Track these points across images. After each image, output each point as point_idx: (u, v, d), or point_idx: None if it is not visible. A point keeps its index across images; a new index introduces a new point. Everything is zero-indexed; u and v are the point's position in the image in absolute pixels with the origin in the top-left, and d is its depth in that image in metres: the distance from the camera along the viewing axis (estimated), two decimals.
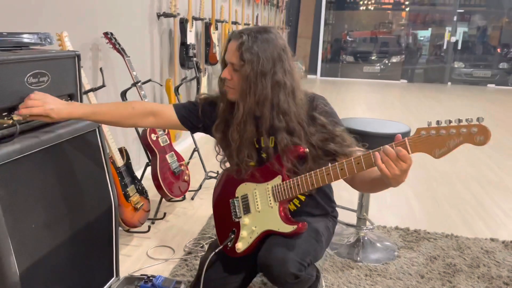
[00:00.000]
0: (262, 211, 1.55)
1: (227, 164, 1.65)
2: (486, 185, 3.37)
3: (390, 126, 2.25)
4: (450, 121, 1.09)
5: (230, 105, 1.52)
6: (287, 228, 1.47)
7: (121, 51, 2.49)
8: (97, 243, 1.74)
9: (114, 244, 1.84)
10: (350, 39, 11.66)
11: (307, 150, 1.46)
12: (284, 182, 1.48)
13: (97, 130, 1.71)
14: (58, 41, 2.02)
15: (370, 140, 2.06)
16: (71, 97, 1.61)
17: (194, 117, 1.62)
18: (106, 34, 2.47)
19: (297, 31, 10.72)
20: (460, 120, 1.08)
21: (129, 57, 2.51)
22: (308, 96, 1.53)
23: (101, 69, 2.31)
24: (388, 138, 2.06)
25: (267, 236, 1.54)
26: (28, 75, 1.37)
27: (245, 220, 1.60)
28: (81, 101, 1.67)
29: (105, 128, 2.14)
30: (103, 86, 2.25)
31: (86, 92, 2.09)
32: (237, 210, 1.64)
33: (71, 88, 1.61)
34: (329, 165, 1.37)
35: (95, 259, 1.74)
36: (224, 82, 1.49)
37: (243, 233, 1.60)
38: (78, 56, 1.63)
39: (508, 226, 2.64)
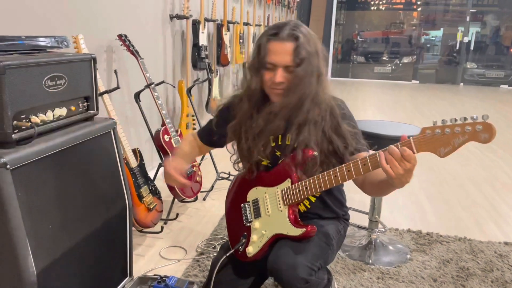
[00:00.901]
0: (272, 215, 1.56)
1: (240, 165, 1.66)
2: (499, 188, 3.33)
3: (402, 128, 2.24)
4: (455, 120, 1.08)
5: (256, 102, 1.50)
6: (296, 231, 1.47)
7: (135, 53, 2.51)
8: (111, 243, 1.76)
9: (128, 244, 1.86)
10: (361, 39, 11.61)
11: (316, 153, 1.46)
12: (293, 185, 1.48)
13: (111, 132, 1.73)
14: (74, 44, 2.04)
15: (382, 142, 2.06)
16: (86, 99, 1.63)
17: (216, 134, 1.67)
18: (120, 36, 2.50)
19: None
20: (465, 119, 1.07)
21: (142, 59, 2.53)
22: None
23: (115, 71, 2.33)
24: (396, 141, 2.05)
25: (277, 240, 1.55)
26: (45, 78, 1.39)
27: (256, 224, 1.61)
28: (96, 103, 1.69)
29: (119, 129, 2.16)
30: (118, 88, 2.28)
31: (101, 94, 2.12)
32: (248, 215, 1.65)
33: (87, 91, 1.63)
34: (337, 167, 1.37)
35: (110, 259, 1.76)
36: (271, 86, 1.43)
37: (254, 237, 1.60)
38: (94, 59, 1.65)
39: None
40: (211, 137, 1.72)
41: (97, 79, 2.03)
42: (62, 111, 1.49)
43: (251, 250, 1.60)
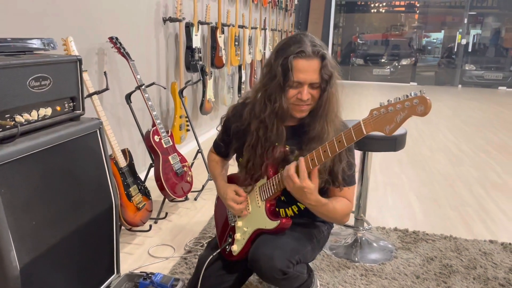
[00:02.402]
0: (252, 212, 1.61)
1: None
2: (489, 188, 3.36)
3: None
4: (398, 98, 1.14)
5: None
6: (272, 224, 1.52)
7: (125, 55, 2.56)
8: (97, 241, 1.80)
9: (115, 242, 1.90)
10: (361, 41, 11.65)
11: (288, 148, 1.51)
12: (268, 180, 1.53)
13: (97, 131, 1.78)
14: (64, 46, 2.09)
15: (364, 142, 2.10)
16: (72, 99, 1.68)
17: (223, 147, 1.74)
18: (111, 38, 2.55)
19: None
20: (407, 96, 1.13)
21: (133, 60, 2.58)
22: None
23: (105, 72, 2.38)
24: (384, 140, 2.09)
25: (259, 236, 1.59)
26: (30, 78, 1.43)
27: (239, 223, 1.66)
28: (82, 104, 1.73)
29: (108, 129, 2.21)
30: (107, 89, 2.32)
31: (90, 95, 2.16)
32: (232, 214, 1.71)
33: (73, 91, 1.68)
34: (302, 157, 1.41)
35: (96, 257, 1.80)
36: (295, 103, 1.45)
37: (237, 235, 1.66)
38: (80, 61, 1.69)
39: (508, 229, 2.64)
40: (220, 149, 1.78)
41: (86, 80, 2.09)
42: (47, 111, 1.53)
43: (235, 248, 1.65)
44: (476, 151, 4.45)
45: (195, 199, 2.95)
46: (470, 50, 10.54)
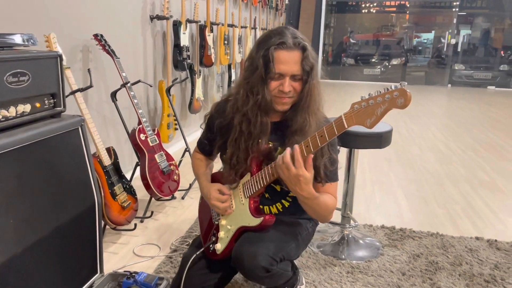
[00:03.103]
0: (235, 209, 1.59)
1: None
2: (477, 186, 3.37)
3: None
4: (379, 92, 1.14)
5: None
6: (255, 221, 1.51)
7: (110, 53, 2.53)
8: (80, 240, 1.77)
9: (97, 241, 1.88)
10: (352, 41, 11.69)
11: (271, 145, 1.50)
12: (252, 177, 1.51)
13: (79, 128, 1.75)
14: (46, 43, 2.06)
15: (350, 139, 2.10)
16: (53, 96, 1.65)
17: (207, 145, 1.72)
18: (96, 36, 2.52)
19: None
20: (387, 89, 1.12)
21: (118, 58, 2.55)
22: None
23: (88, 70, 2.36)
24: (369, 137, 2.09)
25: (243, 233, 1.57)
26: (7, 74, 1.41)
27: (223, 221, 1.65)
28: (63, 100, 1.71)
29: (92, 127, 2.18)
30: (91, 86, 2.30)
31: (74, 92, 2.14)
32: (215, 213, 1.70)
33: (53, 88, 1.65)
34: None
35: (78, 256, 1.77)
36: (277, 95, 1.44)
37: (221, 233, 1.64)
38: (60, 57, 1.66)
39: (495, 226, 2.65)
40: (205, 147, 1.76)
41: (65, 77, 2.06)
42: (26, 107, 1.50)
43: (219, 247, 1.63)
44: (464, 150, 4.47)
45: (183, 198, 2.93)
46: (459, 50, 10.62)
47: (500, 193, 3.22)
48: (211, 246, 1.67)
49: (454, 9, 10.67)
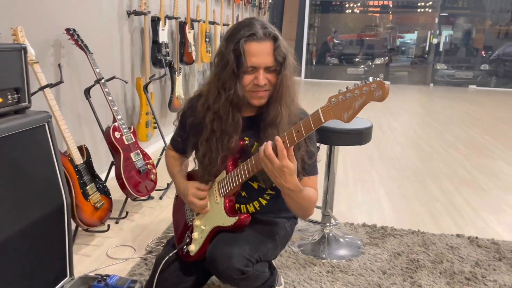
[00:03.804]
0: (210, 209, 1.54)
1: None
2: (458, 183, 3.37)
3: (352, 122, 2.23)
4: (356, 84, 1.10)
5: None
6: (230, 221, 1.45)
7: (83, 48, 2.45)
8: (47, 242, 1.69)
9: (67, 243, 1.80)
10: (336, 41, 11.72)
11: (247, 142, 1.44)
12: (227, 175, 1.45)
13: (46, 125, 1.67)
14: (13, 36, 1.97)
15: (330, 135, 2.05)
16: (17, 90, 1.57)
17: (180, 143, 1.64)
18: (68, 30, 2.43)
19: (281, 33, 10.71)
20: (365, 82, 1.08)
21: (92, 53, 2.46)
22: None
23: (59, 65, 2.27)
24: (349, 134, 2.05)
25: (217, 234, 1.51)
26: None
27: (197, 221, 1.59)
28: (29, 95, 1.62)
29: (63, 125, 2.10)
30: (61, 82, 2.21)
31: (42, 88, 2.05)
32: (189, 214, 1.64)
33: (18, 82, 1.57)
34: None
35: (46, 259, 1.69)
36: (252, 89, 1.39)
37: (195, 234, 1.58)
38: (25, 49, 1.58)
39: (476, 223, 2.64)
40: (178, 145, 1.68)
41: (29, 70, 1.97)
42: None
43: (193, 248, 1.57)
44: (446, 148, 4.48)
45: (161, 197, 2.85)
46: (441, 50, 10.72)
47: (480, 190, 3.22)
48: (184, 247, 1.61)
49: (436, 10, 10.77)
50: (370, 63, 11.32)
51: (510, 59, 10.44)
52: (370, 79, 1.09)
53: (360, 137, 2.04)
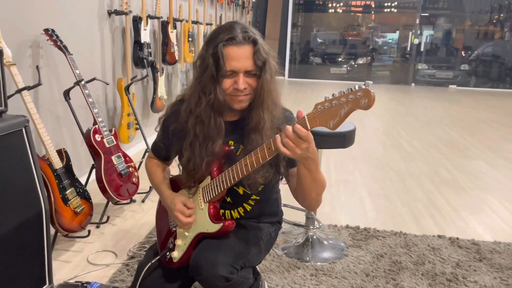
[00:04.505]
0: (194, 216, 1.51)
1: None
2: (439, 183, 3.42)
3: None
4: (342, 92, 1.10)
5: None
6: (214, 227, 1.43)
7: (62, 49, 2.39)
8: (25, 249, 1.65)
9: (46, 250, 1.75)
10: (320, 40, 11.76)
11: (232, 147, 1.43)
12: (212, 180, 1.44)
13: (23, 130, 1.62)
14: None
15: (314, 138, 2.05)
16: None
17: (163, 149, 1.59)
18: (46, 30, 2.38)
19: (264, 32, 10.73)
20: (351, 90, 1.08)
21: (71, 54, 2.41)
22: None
23: (37, 67, 2.21)
24: (332, 137, 2.05)
25: (201, 240, 1.49)
26: None
27: (180, 228, 1.56)
28: (5, 99, 1.58)
29: (41, 128, 2.05)
30: (39, 84, 2.16)
31: (20, 91, 1.99)
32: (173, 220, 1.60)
33: None
34: (247, 155, 1.33)
35: (24, 266, 1.65)
36: (232, 94, 1.36)
37: (178, 241, 1.55)
38: (0, 51, 1.54)
39: (456, 223, 2.68)
40: (160, 152, 1.64)
41: (15, 74, 1.92)
42: None
43: (176, 255, 1.54)
44: (427, 147, 4.55)
45: (143, 201, 2.81)
46: (422, 50, 10.86)
47: (461, 191, 3.27)
48: (167, 254, 1.58)
49: (417, 10, 10.91)
50: (353, 63, 11.39)
51: (489, 59, 10.66)
52: (356, 86, 1.08)
53: (344, 140, 2.05)
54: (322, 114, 1.13)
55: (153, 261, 1.57)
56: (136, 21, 3.46)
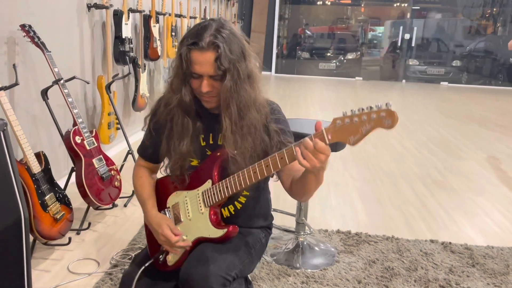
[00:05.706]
0: (193, 219, 1.46)
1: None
2: (431, 185, 3.37)
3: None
4: (362, 109, 1.11)
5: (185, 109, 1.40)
6: (217, 233, 1.38)
7: (40, 45, 2.27)
8: (3, 258, 1.56)
9: (25, 259, 1.65)
10: (308, 33, 11.59)
11: (236, 152, 1.37)
12: (213, 185, 1.39)
13: (1, 134, 1.51)
14: None
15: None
16: None
17: (150, 147, 1.55)
18: (23, 26, 2.25)
19: (250, 25, 10.56)
20: (371, 108, 1.09)
21: (50, 52, 2.29)
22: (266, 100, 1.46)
23: (14, 65, 2.09)
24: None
25: (199, 244, 1.43)
26: None
27: None
28: None
29: (18, 131, 1.93)
30: (16, 84, 2.04)
31: None
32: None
33: None
34: (256, 163, 1.31)
35: (2, 276, 1.56)
36: (200, 94, 1.36)
37: None
38: None
39: (449, 227, 2.63)
40: (148, 151, 1.58)
41: None
42: None
43: (171, 258, 1.49)
44: (418, 148, 4.50)
45: (125, 205, 2.71)
46: (413, 45, 10.76)
47: (453, 193, 3.23)
48: (160, 257, 1.50)
49: (407, 3, 10.82)
50: (342, 58, 11.26)
51: (481, 55, 10.62)
52: (379, 105, 1.09)
53: (336, 145, 1.96)
54: (342, 130, 1.14)
55: (147, 264, 1.48)
56: (117, 15, 3.32)
